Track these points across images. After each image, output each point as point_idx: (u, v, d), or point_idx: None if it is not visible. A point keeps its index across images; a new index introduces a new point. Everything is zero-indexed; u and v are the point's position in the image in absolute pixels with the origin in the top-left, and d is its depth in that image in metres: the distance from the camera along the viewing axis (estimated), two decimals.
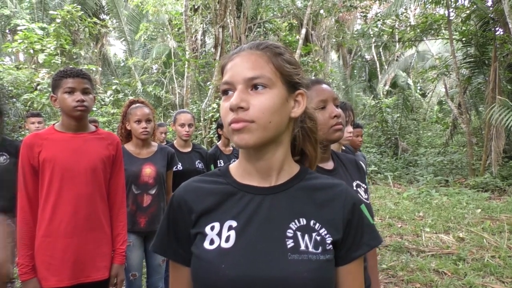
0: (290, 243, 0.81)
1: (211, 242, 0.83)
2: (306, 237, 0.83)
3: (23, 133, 8.39)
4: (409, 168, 12.25)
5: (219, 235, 0.83)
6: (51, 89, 1.97)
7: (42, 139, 1.89)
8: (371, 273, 1.58)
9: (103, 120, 9.31)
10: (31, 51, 8.95)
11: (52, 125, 2.00)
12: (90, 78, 1.96)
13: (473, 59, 11.07)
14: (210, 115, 9.61)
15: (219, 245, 0.82)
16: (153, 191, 2.72)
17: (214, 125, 8.89)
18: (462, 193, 8.42)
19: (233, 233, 0.83)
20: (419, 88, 19.30)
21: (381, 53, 20.76)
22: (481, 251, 4.71)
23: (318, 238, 0.83)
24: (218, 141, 4.22)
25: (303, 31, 11.08)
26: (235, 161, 0.96)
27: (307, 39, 12.78)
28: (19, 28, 9.46)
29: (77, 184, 1.88)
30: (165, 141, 5.06)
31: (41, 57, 8.82)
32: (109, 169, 2.03)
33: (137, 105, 2.79)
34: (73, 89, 1.87)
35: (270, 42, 0.89)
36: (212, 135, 9.31)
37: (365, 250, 0.88)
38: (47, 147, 1.87)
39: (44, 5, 13.31)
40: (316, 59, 11.86)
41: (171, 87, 15.21)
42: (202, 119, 9.93)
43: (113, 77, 15.65)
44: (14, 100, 8.91)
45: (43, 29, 9.58)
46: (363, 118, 16.76)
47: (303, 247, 0.81)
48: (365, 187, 1.58)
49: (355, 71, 21.81)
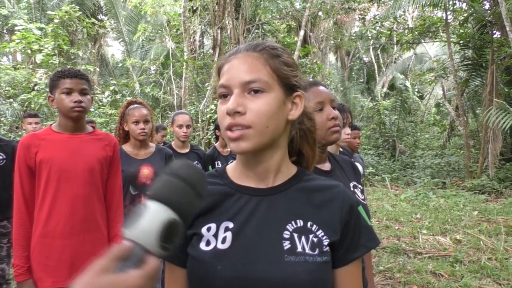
0: (286, 245, 0.81)
1: (207, 243, 0.82)
2: (303, 238, 0.82)
3: (20, 133, 8.36)
4: (407, 170, 12.27)
5: (216, 236, 0.83)
6: (48, 89, 1.97)
7: (39, 139, 1.88)
8: (367, 274, 1.59)
9: (101, 120, 9.30)
10: (29, 51, 8.92)
11: (49, 125, 2.00)
12: (88, 78, 1.95)
13: (470, 62, 11.12)
14: (208, 116, 9.61)
15: (216, 246, 0.81)
16: None
17: (212, 126, 8.90)
18: (459, 195, 8.44)
19: (229, 234, 0.82)
20: (416, 90, 19.36)
21: (379, 55, 20.80)
22: (478, 253, 4.72)
23: (315, 239, 0.83)
24: (216, 142, 4.22)
25: (301, 33, 11.09)
26: (232, 162, 0.96)
27: (305, 41, 12.81)
28: (16, 28, 9.43)
29: (74, 185, 1.87)
30: (162, 142, 5.06)
31: (39, 58, 8.79)
32: (106, 170, 2.02)
33: (135, 106, 2.79)
34: (70, 90, 1.87)
35: (267, 43, 0.88)
36: (210, 136, 9.32)
37: (363, 251, 0.88)
38: (44, 147, 1.86)
39: (42, 5, 13.29)
40: (314, 61, 11.89)
41: (169, 88, 15.20)
42: (200, 120, 9.93)
43: (111, 78, 15.64)
44: (11, 100, 8.89)
45: (41, 29, 9.55)
46: (361, 120, 16.79)
47: (299, 249, 0.81)
48: (361, 188, 1.60)
49: (353, 73, 21.83)
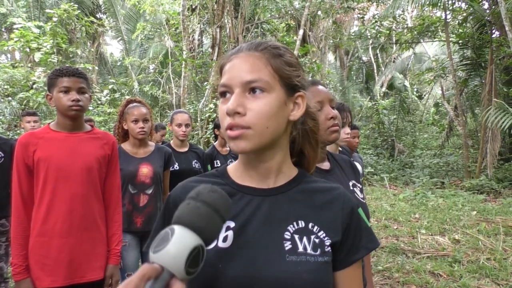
0: (288, 245, 0.81)
1: None
2: (304, 239, 0.82)
3: (18, 132, 8.35)
4: (405, 169, 12.29)
5: None
6: (46, 88, 1.96)
7: (37, 138, 1.87)
8: (366, 274, 1.59)
9: (100, 119, 9.29)
10: (27, 50, 8.91)
11: (47, 124, 1.99)
12: (86, 77, 1.94)
13: (469, 62, 11.14)
14: (207, 115, 9.60)
15: (216, 245, 0.81)
16: (149, 191, 2.71)
17: (211, 125, 8.89)
18: (457, 195, 8.45)
19: (231, 233, 0.82)
20: (415, 90, 19.36)
21: (378, 54, 20.79)
22: (477, 253, 4.72)
23: (316, 240, 0.83)
24: (215, 141, 4.21)
25: (301, 32, 11.08)
26: (232, 161, 0.96)
27: (304, 40, 12.79)
28: (15, 26, 9.41)
29: (72, 183, 1.86)
30: (161, 141, 5.05)
31: (37, 56, 8.78)
32: (105, 169, 2.01)
33: (134, 104, 2.78)
34: (68, 88, 1.86)
35: (270, 42, 0.87)
36: (209, 135, 9.31)
37: (363, 253, 0.88)
38: (42, 146, 1.85)
39: (40, 4, 13.26)
40: (313, 60, 11.88)
41: (168, 87, 15.19)
42: (199, 119, 9.92)
43: (109, 77, 15.63)
44: (9, 98, 8.87)
45: (39, 27, 9.54)
46: (360, 119, 16.79)
47: (301, 249, 0.81)
48: (360, 187, 1.60)
49: (352, 72, 21.81)
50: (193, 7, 11.62)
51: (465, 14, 11.00)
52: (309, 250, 0.81)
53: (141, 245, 2.75)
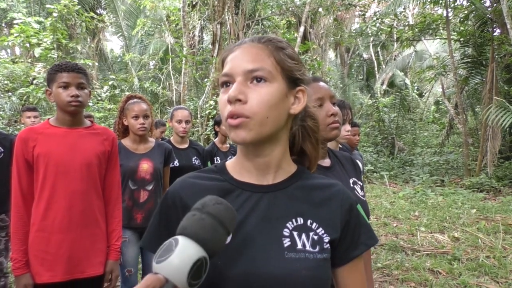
0: (286, 242, 0.81)
1: None
2: (303, 236, 0.82)
3: (18, 127, 8.35)
4: (405, 167, 12.28)
5: None
6: (46, 83, 1.95)
7: (36, 133, 1.87)
8: (365, 271, 1.59)
9: (100, 115, 9.28)
10: (27, 45, 8.89)
11: (47, 119, 1.98)
12: (85, 72, 1.93)
13: (470, 60, 11.10)
14: (207, 112, 9.59)
15: None
16: (150, 187, 2.71)
17: (211, 122, 8.88)
18: (457, 193, 8.45)
19: None
20: (416, 88, 19.31)
21: (379, 52, 20.76)
22: (476, 251, 4.72)
23: (315, 237, 0.83)
24: (215, 138, 4.21)
25: (301, 29, 11.07)
26: (231, 158, 0.95)
27: (305, 37, 12.76)
28: (15, 21, 9.39)
29: (72, 179, 1.86)
30: (161, 138, 5.05)
31: (37, 51, 8.76)
32: (105, 165, 2.01)
33: (135, 100, 2.77)
34: (68, 84, 1.85)
35: (272, 36, 0.88)
36: (209, 132, 9.31)
37: (362, 249, 0.89)
38: (41, 141, 1.85)
39: None
40: (314, 57, 11.86)
41: (168, 83, 15.17)
42: (199, 116, 9.91)
43: (109, 73, 15.61)
44: (10, 94, 8.86)
45: (39, 23, 9.50)
46: (360, 117, 16.78)
47: (300, 246, 0.81)
48: (361, 184, 1.60)
49: (352, 70, 21.78)
50: (194, 3, 11.59)
51: (466, 11, 10.96)
52: (308, 247, 0.81)
53: None
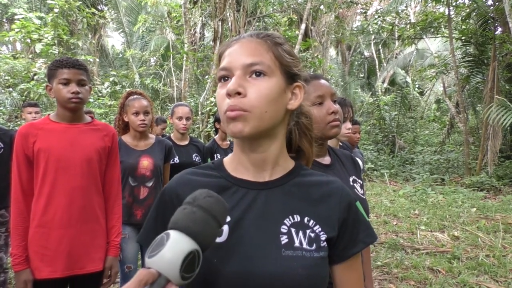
0: (284, 239, 0.80)
1: None
2: (300, 233, 0.82)
3: (19, 123, 8.35)
4: (406, 166, 12.28)
5: None
6: (47, 78, 1.95)
7: (37, 129, 1.86)
8: (365, 269, 1.59)
9: (100, 111, 9.27)
10: (28, 41, 8.87)
11: (47, 115, 1.98)
12: (86, 68, 1.93)
13: (472, 58, 11.08)
14: (208, 109, 9.58)
15: None
16: (150, 184, 2.71)
17: (211, 119, 8.88)
18: (457, 192, 8.45)
19: (226, 228, 0.81)
20: (417, 86, 19.28)
21: (380, 50, 20.70)
22: (476, 250, 4.73)
23: (312, 235, 0.82)
24: (215, 135, 4.21)
25: (303, 27, 11.03)
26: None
27: (306, 35, 12.71)
28: (16, 17, 9.36)
29: (72, 175, 1.86)
30: (161, 135, 5.04)
31: (38, 47, 8.75)
32: (105, 161, 2.01)
33: (135, 96, 2.76)
34: (68, 81, 1.85)
35: (270, 32, 0.88)
36: (209, 129, 9.30)
37: (361, 247, 0.88)
38: (42, 137, 1.84)
39: None
40: (315, 55, 11.83)
41: (169, 80, 15.15)
42: (199, 112, 9.90)
43: (110, 69, 15.57)
44: (10, 89, 8.85)
45: (40, 18, 9.49)
46: (361, 115, 16.77)
47: (297, 244, 0.80)
48: (361, 183, 1.59)
49: (353, 68, 21.75)
50: (195, 0, 11.56)
51: (468, 10, 10.92)
52: (304, 245, 0.80)
53: None
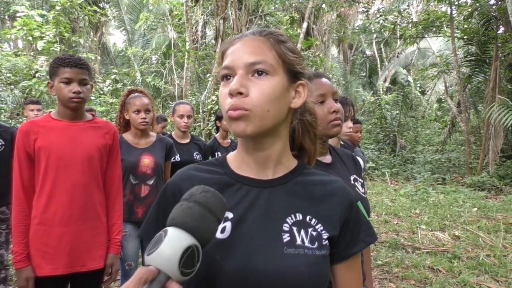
0: (286, 237, 0.80)
1: None
2: (302, 232, 0.82)
3: (20, 120, 8.36)
4: (407, 165, 12.27)
5: None
6: (48, 75, 1.95)
7: (38, 126, 1.86)
8: (365, 269, 1.59)
9: (101, 109, 9.27)
10: (30, 38, 8.86)
11: (48, 112, 1.98)
12: (88, 67, 1.92)
13: (474, 58, 11.06)
14: (209, 107, 9.57)
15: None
16: (151, 182, 2.71)
17: (212, 117, 8.87)
18: (458, 192, 8.45)
19: (229, 224, 0.81)
20: (419, 85, 19.24)
21: (382, 49, 20.66)
22: (477, 250, 4.73)
23: (314, 233, 0.82)
24: (216, 133, 4.21)
25: (305, 25, 11.01)
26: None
27: (308, 33, 12.70)
28: (18, 14, 9.35)
29: (73, 172, 1.86)
30: (162, 133, 5.04)
31: (40, 45, 8.73)
32: (106, 158, 2.01)
33: (136, 94, 2.76)
34: (70, 80, 1.85)
35: (273, 29, 0.87)
36: (210, 127, 9.29)
37: (361, 246, 0.89)
38: (43, 134, 1.85)
39: None
40: (316, 54, 11.80)
41: (170, 78, 15.13)
42: (201, 111, 9.89)
43: (112, 67, 15.56)
44: (12, 87, 8.85)
45: (42, 16, 9.47)
46: (362, 114, 16.74)
47: (299, 242, 0.80)
48: (362, 182, 1.59)
49: (355, 66, 21.69)
50: None
51: (470, 9, 10.91)
52: (306, 243, 0.81)
53: None
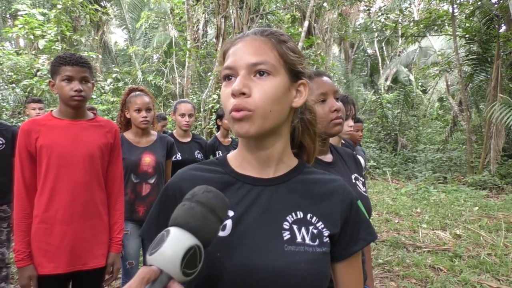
0: (286, 235, 0.81)
1: None
2: (303, 230, 0.82)
3: (22, 119, 8.37)
4: (408, 164, 12.26)
5: None
6: (50, 74, 1.95)
7: (39, 125, 1.87)
8: (366, 268, 1.59)
9: (103, 108, 9.27)
10: (32, 37, 8.86)
11: (49, 111, 1.98)
12: (89, 65, 1.93)
13: (475, 56, 11.04)
14: (210, 106, 9.58)
15: None
16: (152, 180, 2.71)
17: (214, 116, 8.87)
18: (460, 191, 8.44)
19: (230, 222, 0.82)
20: (420, 84, 19.21)
21: (383, 48, 20.63)
22: (478, 249, 4.72)
23: (315, 231, 0.83)
24: (217, 132, 4.21)
25: (306, 24, 11.00)
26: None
27: (309, 32, 12.68)
28: (19, 13, 9.36)
29: (74, 171, 1.86)
30: (162, 131, 5.05)
31: (42, 43, 8.74)
32: (107, 157, 2.01)
33: (137, 93, 2.75)
34: (71, 78, 1.85)
35: (274, 29, 0.88)
36: (211, 126, 9.30)
37: (362, 245, 0.89)
38: (44, 133, 1.85)
39: None
40: (318, 53, 11.79)
41: (171, 76, 15.14)
42: (202, 109, 9.89)
43: (113, 65, 15.56)
44: (13, 85, 8.86)
45: (44, 14, 9.48)
46: (364, 113, 16.73)
47: (299, 239, 0.81)
48: (363, 180, 1.59)
49: (356, 65, 21.65)
50: None
51: (472, 8, 10.87)
52: (307, 240, 0.81)
53: None
